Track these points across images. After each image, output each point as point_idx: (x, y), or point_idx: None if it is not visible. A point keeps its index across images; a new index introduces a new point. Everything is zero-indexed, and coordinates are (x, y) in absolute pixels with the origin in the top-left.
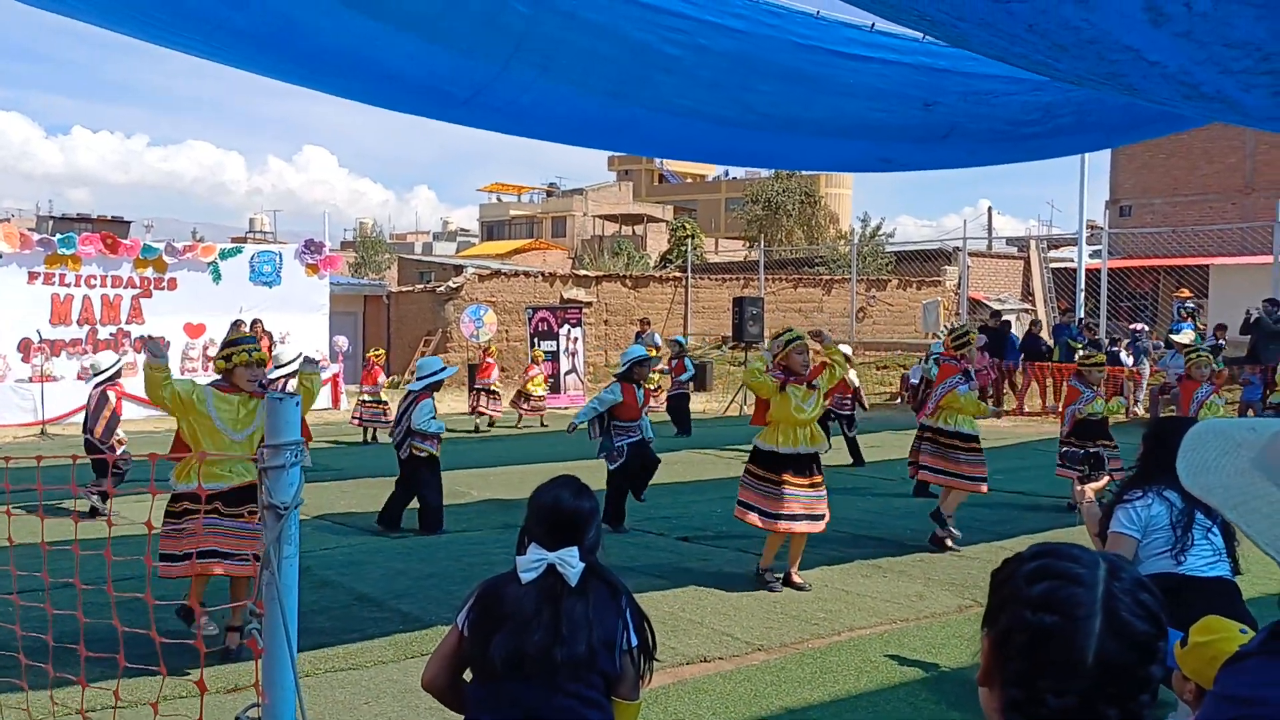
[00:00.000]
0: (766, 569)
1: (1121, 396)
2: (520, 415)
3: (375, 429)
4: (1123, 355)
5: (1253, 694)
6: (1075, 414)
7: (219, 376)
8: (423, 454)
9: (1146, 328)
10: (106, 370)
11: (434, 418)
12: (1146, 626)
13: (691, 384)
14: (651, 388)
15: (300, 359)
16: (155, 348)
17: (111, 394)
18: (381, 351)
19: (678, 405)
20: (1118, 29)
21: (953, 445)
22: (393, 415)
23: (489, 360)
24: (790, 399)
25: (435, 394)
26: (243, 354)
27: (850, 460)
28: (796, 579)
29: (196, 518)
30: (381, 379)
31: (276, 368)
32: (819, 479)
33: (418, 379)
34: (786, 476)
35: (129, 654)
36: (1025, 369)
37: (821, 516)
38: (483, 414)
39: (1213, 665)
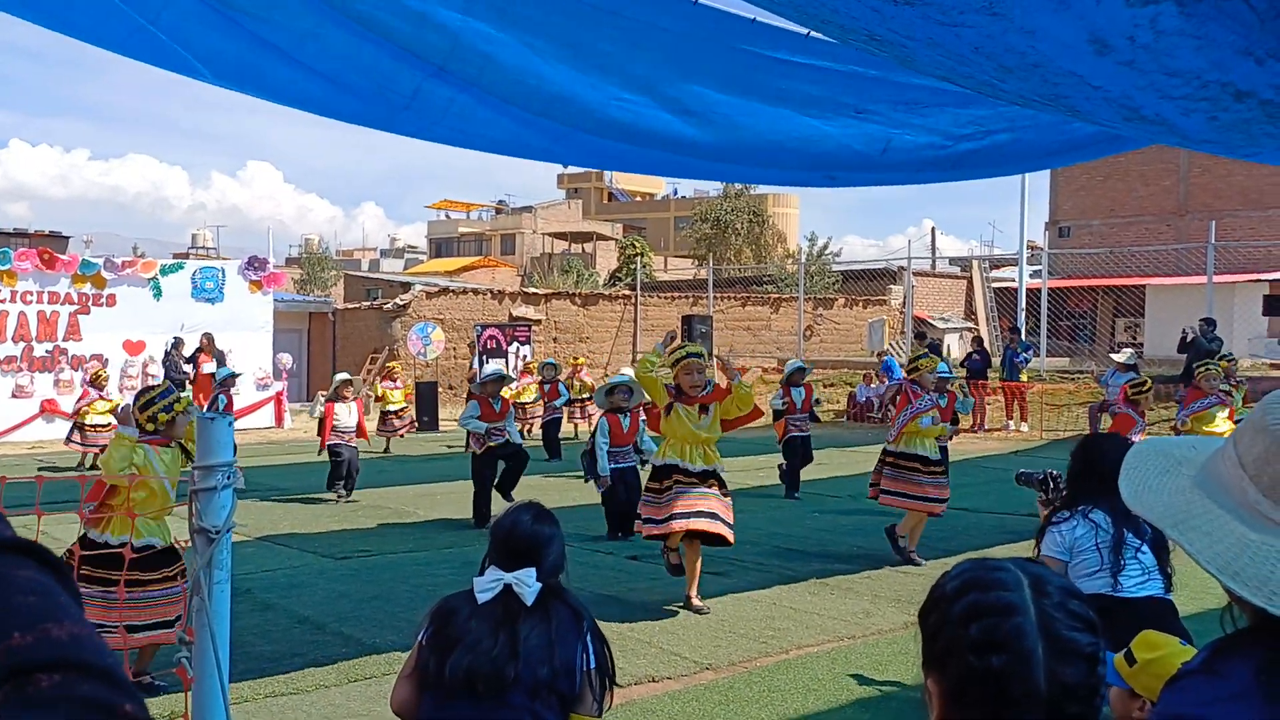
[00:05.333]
0: (677, 563)
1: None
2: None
3: (390, 439)
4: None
5: (1197, 712)
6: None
7: (150, 433)
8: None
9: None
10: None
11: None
12: (1085, 636)
13: (566, 409)
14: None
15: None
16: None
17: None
18: (394, 365)
19: (548, 431)
20: (1062, 57)
21: (913, 469)
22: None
23: (524, 375)
24: (681, 418)
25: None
26: (181, 402)
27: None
28: (695, 601)
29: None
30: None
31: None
32: (714, 484)
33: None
34: (677, 478)
35: None
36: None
37: (715, 516)
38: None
39: (1161, 681)
